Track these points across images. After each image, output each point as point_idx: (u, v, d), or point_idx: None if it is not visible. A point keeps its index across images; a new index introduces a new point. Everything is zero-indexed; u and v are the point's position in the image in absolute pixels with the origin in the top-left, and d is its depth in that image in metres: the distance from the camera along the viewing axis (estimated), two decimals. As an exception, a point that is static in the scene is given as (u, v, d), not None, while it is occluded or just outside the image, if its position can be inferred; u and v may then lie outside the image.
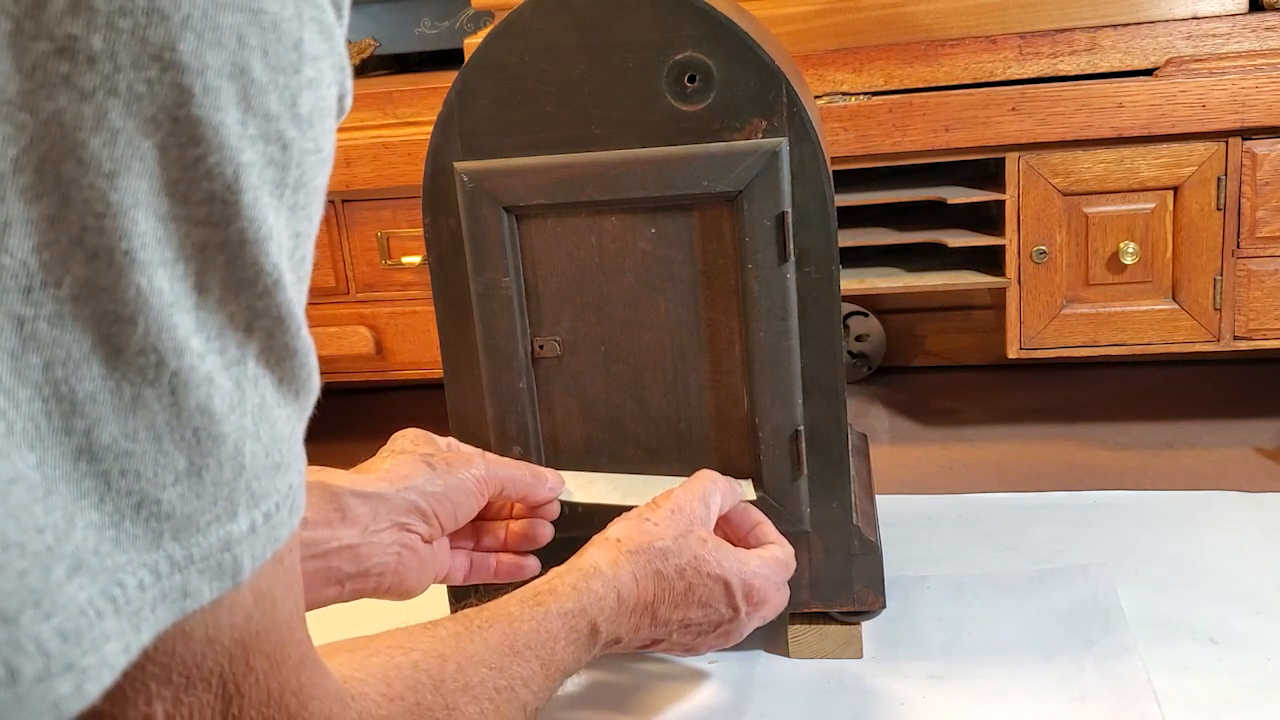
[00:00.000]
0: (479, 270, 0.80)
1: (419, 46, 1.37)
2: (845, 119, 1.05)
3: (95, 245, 0.31)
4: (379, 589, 0.69)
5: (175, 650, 0.35)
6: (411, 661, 0.52)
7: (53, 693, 0.30)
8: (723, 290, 0.79)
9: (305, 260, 0.38)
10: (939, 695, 0.81)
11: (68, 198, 0.30)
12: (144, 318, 0.32)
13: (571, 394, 0.83)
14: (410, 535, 0.70)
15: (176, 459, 0.33)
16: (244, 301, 0.35)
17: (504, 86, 0.77)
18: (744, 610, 0.73)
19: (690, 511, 0.73)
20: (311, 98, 0.35)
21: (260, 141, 0.34)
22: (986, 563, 0.97)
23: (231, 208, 0.33)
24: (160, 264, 0.32)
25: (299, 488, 0.39)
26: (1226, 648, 0.83)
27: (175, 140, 0.32)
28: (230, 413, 0.35)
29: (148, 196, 0.32)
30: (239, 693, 0.38)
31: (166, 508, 0.33)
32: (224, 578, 0.35)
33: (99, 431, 0.32)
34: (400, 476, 0.70)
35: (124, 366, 0.32)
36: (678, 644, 0.73)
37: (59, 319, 0.31)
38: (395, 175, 1.14)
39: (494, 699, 0.55)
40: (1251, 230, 1.03)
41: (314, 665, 0.42)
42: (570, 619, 0.63)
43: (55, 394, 0.31)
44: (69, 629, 0.31)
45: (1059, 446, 1.18)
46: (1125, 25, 1.02)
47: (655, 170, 0.77)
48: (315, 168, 0.36)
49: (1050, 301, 1.07)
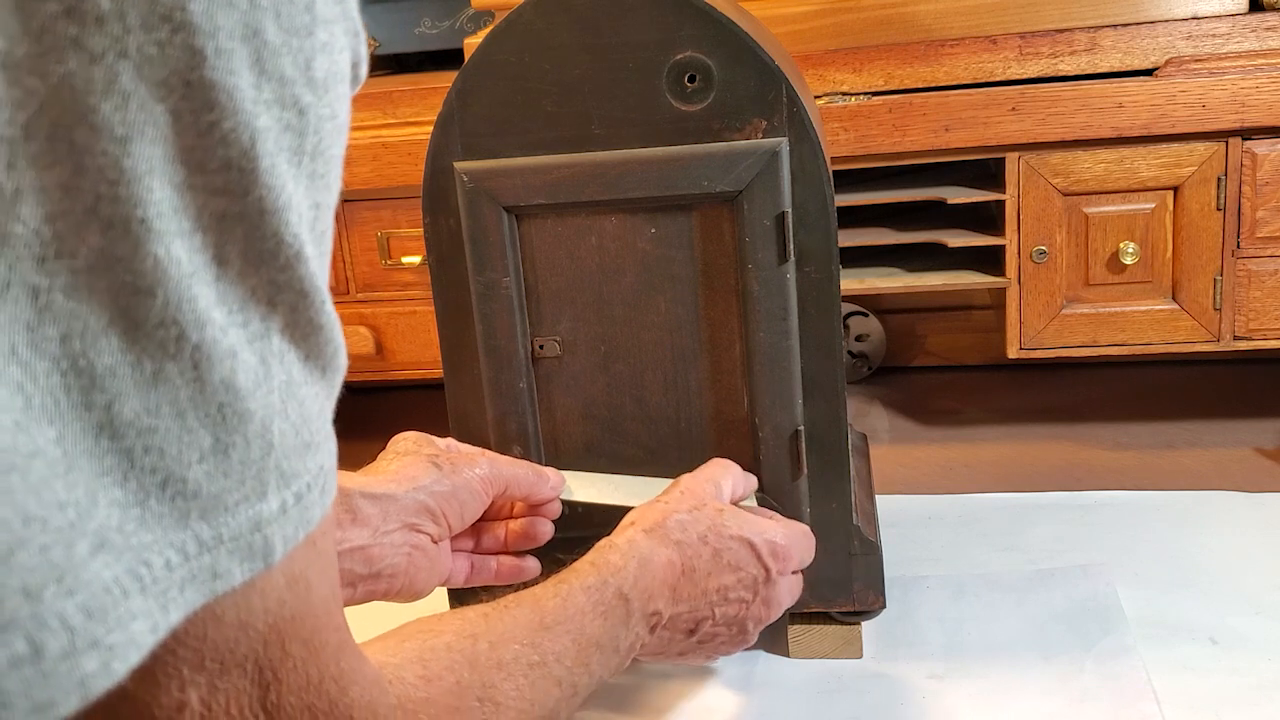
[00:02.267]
0: (479, 270, 0.80)
1: (419, 46, 1.37)
2: (845, 119, 1.05)
3: (110, 214, 0.30)
4: (390, 590, 0.69)
5: (207, 634, 0.35)
6: (444, 643, 0.52)
7: (79, 670, 0.30)
8: (723, 290, 0.79)
9: (326, 234, 0.37)
10: (939, 695, 0.81)
11: (80, 165, 0.30)
12: (163, 289, 0.31)
13: (571, 394, 0.83)
14: (420, 536, 0.70)
15: (201, 436, 0.33)
16: (265, 275, 0.34)
17: (504, 86, 0.77)
18: (774, 569, 0.72)
19: (698, 491, 0.73)
20: (326, 62, 0.35)
21: (275, 106, 0.33)
22: (986, 563, 0.97)
23: (249, 176, 0.33)
24: (178, 234, 0.32)
25: (330, 470, 0.38)
26: (1226, 648, 0.83)
27: (188, 105, 0.31)
28: (256, 389, 0.34)
29: (162, 164, 0.31)
30: (276, 679, 0.37)
31: (193, 486, 0.33)
32: (255, 559, 0.34)
33: (120, 407, 0.31)
34: (408, 477, 0.70)
35: (144, 340, 0.32)
36: (722, 623, 0.71)
37: (75, 290, 0.30)
38: (395, 175, 1.13)
39: (528, 674, 0.55)
40: (1251, 230, 1.03)
41: (353, 651, 0.42)
42: (593, 592, 0.63)
43: (74, 368, 0.31)
44: (93, 606, 0.30)
45: (1059, 446, 1.18)
46: (1125, 25, 1.02)
47: (655, 170, 0.77)
48: (332, 135, 0.36)
49: (1050, 301, 1.07)
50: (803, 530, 0.76)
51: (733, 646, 0.74)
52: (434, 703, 0.48)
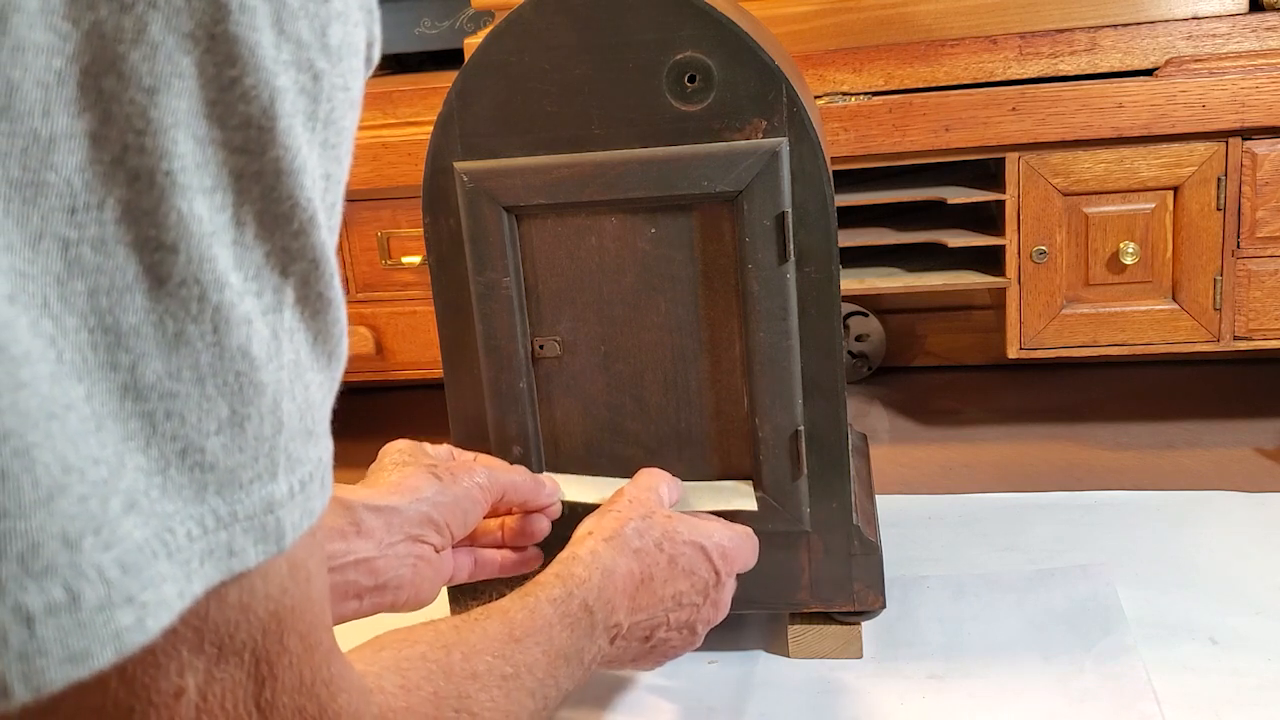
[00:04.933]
0: (479, 270, 0.80)
1: (419, 46, 1.37)
2: (845, 119, 1.05)
3: (136, 165, 0.31)
4: (396, 602, 0.70)
5: (208, 614, 0.35)
6: (419, 653, 0.52)
7: (114, 622, 0.30)
8: (723, 290, 0.79)
9: (336, 207, 0.38)
10: (939, 695, 0.81)
11: (109, 113, 0.30)
12: (185, 246, 0.32)
13: (571, 394, 0.83)
14: (424, 547, 0.70)
15: (219, 405, 0.33)
16: (279, 240, 0.35)
17: (504, 86, 0.77)
18: (723, 571, 0.74)
19: (645, 500, 0.74)
20: (340, 31, 0.35)
21: (293, 69, 0.33)
22: (986, 563, 0.97)
23: (267, 134, 0.33)
24: (199, 190, 0.32)
25: (328, 465, 0.38)
26: (1226, 648, 0.83)
27: (212, 59, 0.32)
28: (269, 361, 0.34)
29: (187, 117, 0.31)
30: (272, 675, 0.37)
31: (210, 458, 0.33)
32: (268, 541, 0.35)
33: (143, 368, 0.32)
34: (410, 489, 0.70)
35: (166, 299, 0.32)
36: (675, 628, 0.73)
37: (102, 244, 0.31)
38: (395, 175, 1.13)
39: (502, 686, 0.55)
40: (1251, 230, 1.03)
41: (341, 658, 0.42)
42: (559, 604, 0.63)
43: (101, 324, 0.31)
44: (128, 562, 0.31)
45: (1059, 446, 1.18)
46: (1125, 25, 1.02)
47: (655, 170, 0.77)
48: (344, 107, 0.36)
49: (1050, 301, 1.07)
50: (746, 532, 0.77)
51: (682, 649, 0.75)
52: (414, 711, 0.49)
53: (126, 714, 0.34)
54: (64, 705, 0.33)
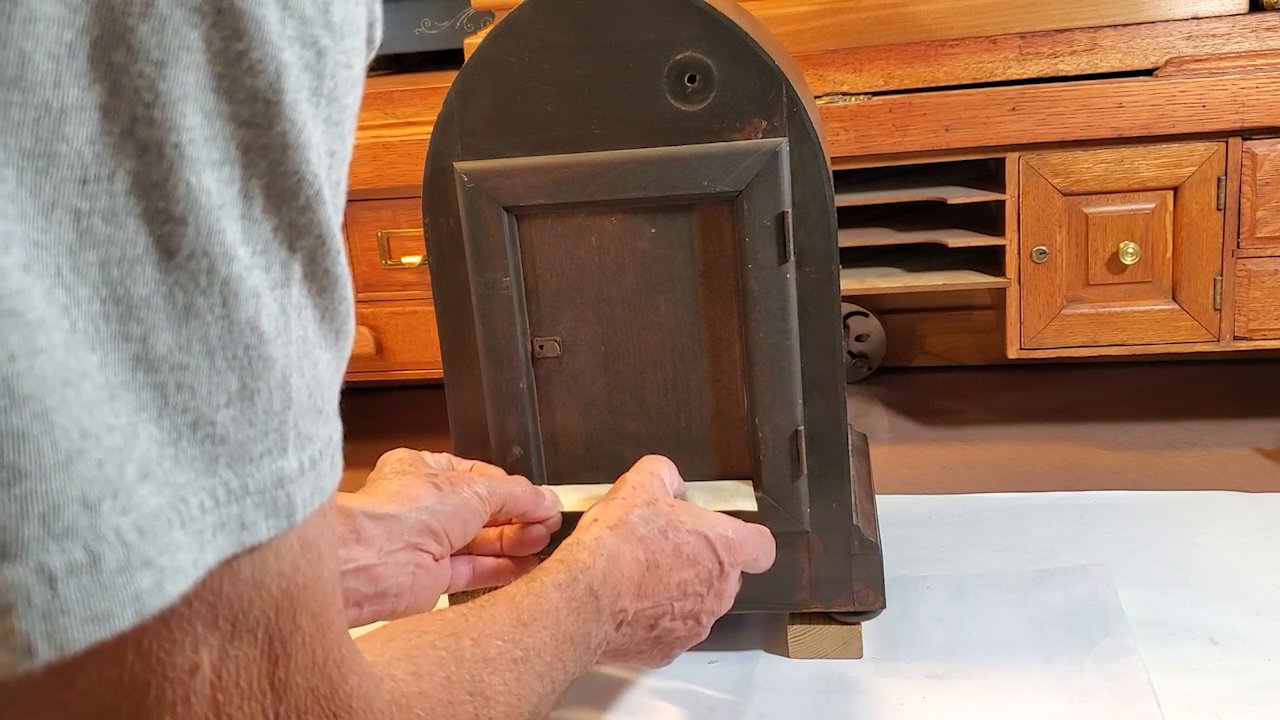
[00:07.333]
0: (479, 270, 0.80)
1: (419, 46, 1.37)
2: (845, 119, 1.05)
3: (146, 138, 0.31)
4: (395, 610, 0.70)
5: (222, 589, 0.35)
6: (429, 641, 0.53)
7: (134, 584, 0.31)
8: (723, 290, 0.79)
9: (340, 185, 0.38)
10: (939, 695, 0.81)
11: (118, 86, 0.31)
12: (194, 218, 0.32)
13: (571, 394, 0.83)
14: (423, 555, 0.70)
15: (229, 378, 0.33)
16: (286, 215, 0.35)
17: (504, 86, 0.77)
18: (727, 562, 0.74)
19: (649, 486, 0.74)
20: (342, 8, 0.36)
21: (297, 44, 0.34)
22: (986, 563, 0.97)
23: (273, 108, 0.33)
24: (208, 163, 0.32)
25: (338, 444, 0.38)
26: (1226, 648, 0.83)
27: (219, 33, 0.32)
28: (277, 336, 0.35)
29: (195, 90, 0.32)
30: (285, 653, 0.38)
31: (221, 430, 0.33)
32: (279, 515, 0.35)
33: (154, 340, 0.32)
34: (410, 497, 0.71)
35: (176, 271, 0.32)
36: (680, 617, 0.72)
37: (113, 215, 0.31)
38: (395, 175, 1.13)
39: (513, 669, 0.56)
40: (1251, 230, 1.03)
41: (350, 642, 0.42)
42: (564, 589, 0.63)
43: (112, 295, 0.31)
44: (145, 527, 0.31)
45: (1059, 446, 1.18)
46: (1125, 25, 1.02)
47: (655, 170, 0.77)
48: (347, 84, 0.37)
49: (1050, 302, 1.07)
50: (758, 529, 0.77)
51: (688, 641, 0.75)
52: (428, 696, 0.49)
53: (143, 689, 0.34)
54: (81, 679, 0.33)
